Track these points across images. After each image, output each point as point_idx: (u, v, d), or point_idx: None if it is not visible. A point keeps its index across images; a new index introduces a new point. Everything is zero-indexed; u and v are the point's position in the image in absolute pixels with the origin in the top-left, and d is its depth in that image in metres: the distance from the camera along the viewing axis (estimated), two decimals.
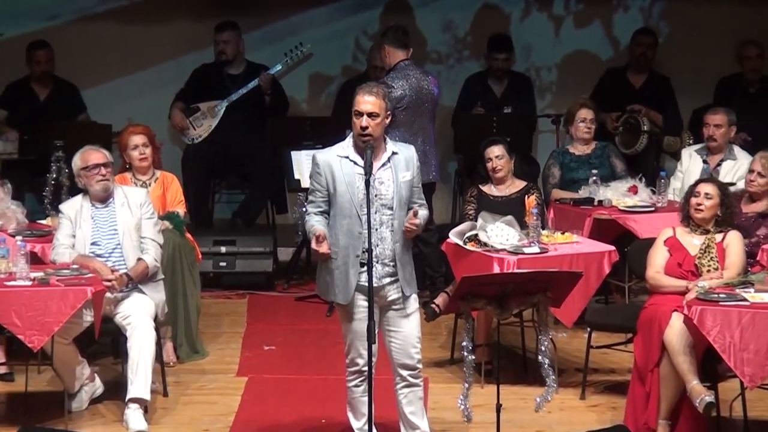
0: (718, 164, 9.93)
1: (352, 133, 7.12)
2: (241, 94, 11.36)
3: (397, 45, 10.12)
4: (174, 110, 11.45)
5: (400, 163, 7.10)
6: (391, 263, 7.06)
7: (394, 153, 7.10)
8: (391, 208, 7.04)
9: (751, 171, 8.96)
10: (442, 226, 9.68)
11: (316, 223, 7.07)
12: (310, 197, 7.18)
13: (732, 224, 8.05)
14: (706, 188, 8.05)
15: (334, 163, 7.08)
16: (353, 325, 7.08)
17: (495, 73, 11.71)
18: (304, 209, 8.75)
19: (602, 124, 10.59)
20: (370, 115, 6.99)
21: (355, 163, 7.05)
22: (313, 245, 6.99)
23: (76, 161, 8.41)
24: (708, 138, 9.96)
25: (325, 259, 7.05)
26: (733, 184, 9.26)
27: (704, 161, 9.94)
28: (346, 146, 7.12)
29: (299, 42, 11.61)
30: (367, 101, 7.02)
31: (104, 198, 8.33)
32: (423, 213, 7.11)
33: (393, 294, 7.10)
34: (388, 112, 7.10)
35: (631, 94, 11.50)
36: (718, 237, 7.98)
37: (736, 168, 9.83)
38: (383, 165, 7.06)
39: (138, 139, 9.21)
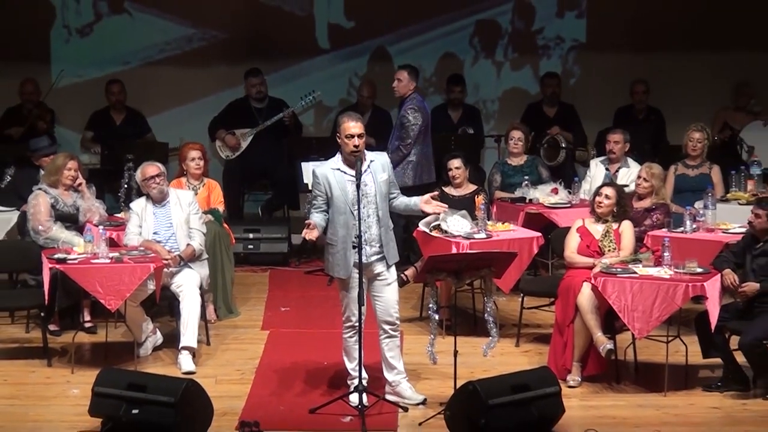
0: (617, 171, 9.90)
1: (340, 151, 7.08)
2: (266, 126, 11.24)
3: (414, 77, 10.05)
4: (225, 135, 11.22)
5: (378, 168, 7.07)
6: (377, 244, 7.04)
7: (371, 161, 7.07)
8: (376, 203, 7.02)
9: (639, 177, 8.97)
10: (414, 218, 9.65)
11: (313, 217, 7.04)
12: (313, 202, 7.13)
13: (626, 217, 8.05)
14: (606, 191, 8.05)
15: (329, 174, 7.05)
16: (349, 292, 7.06)
17: (452, 102, 11.62)
18: (310, 206, 8.68)
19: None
20: (359, 135, 6.97)
21: (345, 173, 7.02)
22: (304, 231, 6.97)
23: (138, 175, 8.43)
24: (609, 152, 9.94)
25: (312, 242, 7.01)
26: (627, 186, 9.26)
27: (606, 169, 9.95)
28: (336, 161, 7.09)
29: (312, 89, 11.38)
30: (356, 126, 6.98)
31: (161, 200, 8.31)
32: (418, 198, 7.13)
33: (379, 268, 7.08)
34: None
35: (548, 121, 11.45)
36: (615, 225, 7.98)
37: (629, 174, 9.80)
38: (365, 171, 7.02)
39: (195, 153, 9.18)
